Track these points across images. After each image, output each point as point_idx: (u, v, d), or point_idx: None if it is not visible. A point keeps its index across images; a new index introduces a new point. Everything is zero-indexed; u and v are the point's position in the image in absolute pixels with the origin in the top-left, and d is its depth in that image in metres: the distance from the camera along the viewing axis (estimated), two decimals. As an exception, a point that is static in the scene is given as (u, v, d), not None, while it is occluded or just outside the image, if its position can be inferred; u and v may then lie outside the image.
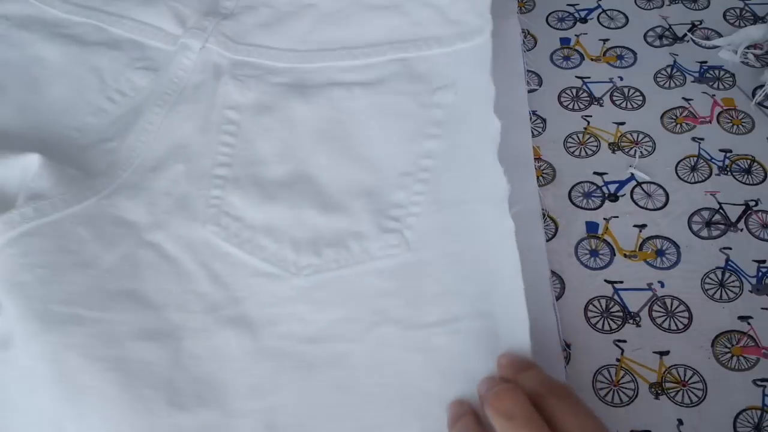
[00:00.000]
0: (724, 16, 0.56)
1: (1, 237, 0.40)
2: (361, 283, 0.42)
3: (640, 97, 0.52)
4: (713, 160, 0.48)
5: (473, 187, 0.45)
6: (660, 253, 0.45)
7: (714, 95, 0.52)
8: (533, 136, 0.50)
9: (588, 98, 0.52)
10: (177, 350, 0.40)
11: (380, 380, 0.39)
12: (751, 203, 0.46)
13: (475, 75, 0.48)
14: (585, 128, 0.51)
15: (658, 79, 0.53)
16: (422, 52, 0.51)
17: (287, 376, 0.40)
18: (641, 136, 0.50)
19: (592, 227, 0.46)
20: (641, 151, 0.49)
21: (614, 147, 0.50)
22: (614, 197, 0.47)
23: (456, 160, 0.46)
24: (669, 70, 0.53)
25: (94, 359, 0.38)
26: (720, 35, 0.55)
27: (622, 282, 0.44)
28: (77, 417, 0.37)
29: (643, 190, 0.48)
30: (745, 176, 0.48)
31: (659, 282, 0.44)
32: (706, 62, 0.53)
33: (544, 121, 0.51)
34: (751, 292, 0.43)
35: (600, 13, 0.58)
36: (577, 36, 0.56)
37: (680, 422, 0.39)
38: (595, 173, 0.49)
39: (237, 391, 0.39)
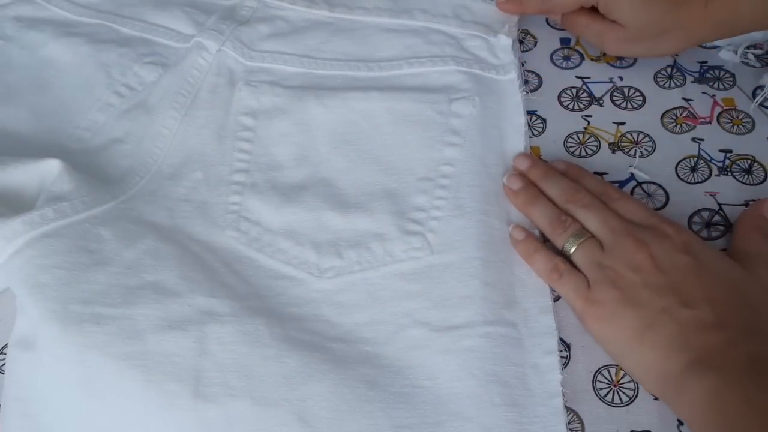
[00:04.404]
0: (724, 16, 0.56)
1: (21, 238, 0.40)
2: (385, 285, 0.43)
3: (640, 97, 0.52)
4: (713, 161, 0.48)
5: (494, 202, 0.46)
6: (660, 253, 0.45)
7: (714, 95, 0.52)
8: (533, 136, 0.50)
9: (588, 98, 0.52)
10: (203, 337, 0.39)
11: (412, 381, 0.39)
12: (751, 203, 0.46)
13: (499, 101, 0.50)
14: (585, 128, 0.51)
15: (658, 79, 0.53)
16: (438, 68, 0.51)
17: (318, 366, 0.39)
18: (641, 136, 0.50)
19: (592, 227, 0.46)
20: (641, 151, 0.49)
21: (614, 147, 0.50)
22: (614, 197, 0.47)
23: (476, 172, 0.47)
24: (669, 70, 0.53)
25: (114, 357, 0.38)
26: (720, 35, 0.55)
27: (622, 282, 0.44)
28: (106, 414, 0.37)
29: (643, 190, 0.48)
30: (745, 176, 0.48)
31: (659, 282, 0.44)
32: (706, 62, 0.53)
33: (544, 121, 0.51)
34: (750, 292, 0.43)
35: (600, 13, 0.58)
36: (577, 36, 0.56)
37: (680, 422, 0.39)
38: (595, 173, 0.48)
39: (267, 378, 0.38)
